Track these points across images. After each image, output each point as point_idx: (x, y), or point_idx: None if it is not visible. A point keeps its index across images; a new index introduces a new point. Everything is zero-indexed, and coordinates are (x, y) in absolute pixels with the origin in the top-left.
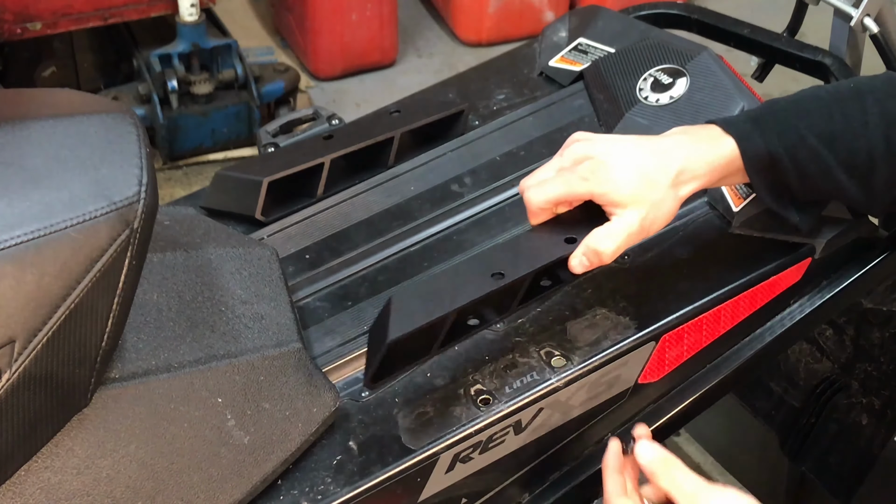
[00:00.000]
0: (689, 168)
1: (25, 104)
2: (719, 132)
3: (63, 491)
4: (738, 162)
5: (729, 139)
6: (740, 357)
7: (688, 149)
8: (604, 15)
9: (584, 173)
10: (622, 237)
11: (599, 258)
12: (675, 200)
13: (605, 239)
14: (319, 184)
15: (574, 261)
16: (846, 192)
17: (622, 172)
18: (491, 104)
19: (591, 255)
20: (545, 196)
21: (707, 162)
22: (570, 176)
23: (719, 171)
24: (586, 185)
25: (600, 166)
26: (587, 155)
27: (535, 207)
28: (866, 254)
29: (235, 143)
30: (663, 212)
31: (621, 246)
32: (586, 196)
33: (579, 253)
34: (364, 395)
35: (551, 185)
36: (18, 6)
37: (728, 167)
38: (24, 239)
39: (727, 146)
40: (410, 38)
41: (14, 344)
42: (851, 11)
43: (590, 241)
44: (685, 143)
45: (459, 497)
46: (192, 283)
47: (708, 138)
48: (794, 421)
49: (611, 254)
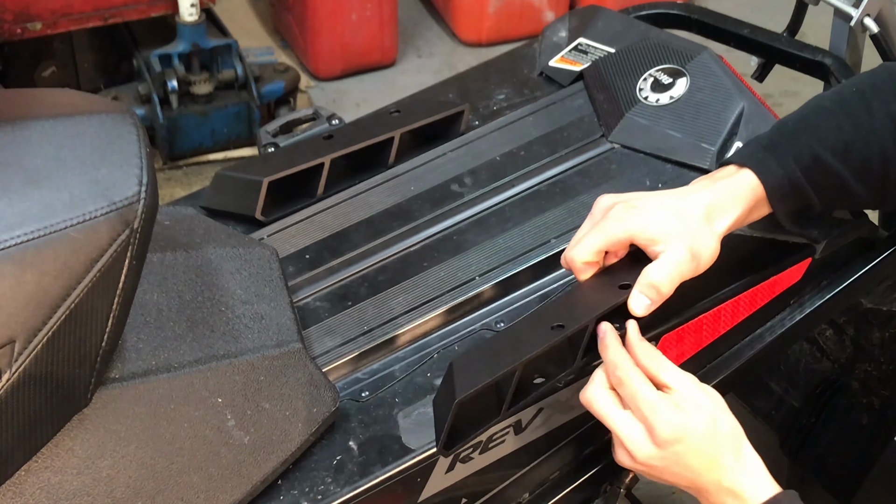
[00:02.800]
0: (717, 204)
1: (25, 104)
2: (735, 168)
3: (63, 491)
4: (760, 191)
5: (747, 171)
6: (740, 357)
7: (710, 189)
8: (604, 15)
9: (617, 216)
10: (674, 267)
11: (658, 291)
12: (713, 236)
13: (659, 271)
14: (319, 184)
15: (633, 302)
16: (860, 198)
17: (654, 211)
18: (491, 104)
19: (648, 291)
20: (587, 248)
21: (733, 196)
22: (604, 223)
23: (749, 203)
24: (623, 226)
25: (631, 207)
26: (616, 202)
27: (580, 264)
28: (866, 254)
29: (235, 143)
30: (706, 245)
31: (676, 276)
32: (625, 237)
33: (636, 292)
34: (364, 396)
35: (590, 238)
36: (18, 6)
37: (755, 198)
38: (24, 239)
39: (747, 178)
40: (410, 38)
41: (14, 344)
42: (851, 11)
43: (644, 278)
44: (706, 185)
45: (459, 497)
46: (192, 283)
47: (727, 175)
48: (794, 421)
49: (667, 284)
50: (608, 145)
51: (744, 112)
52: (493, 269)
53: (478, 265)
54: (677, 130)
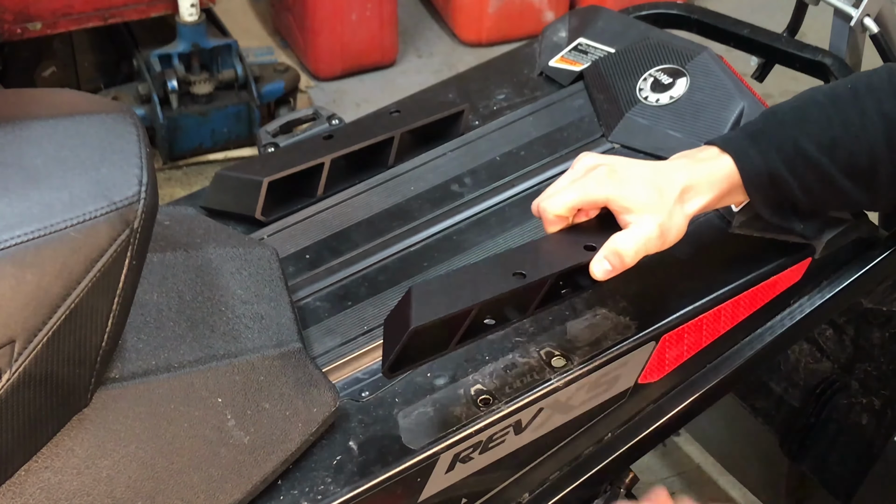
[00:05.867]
0: (693, 186)
1: (25, 104)
2: (717, 152)
3: (63, 491)
4: (737, 179)
5: (727, 158)
6: (740, 357)
7: (689, 169)
8: (604, 15)
9: (598, 178)
10: (642, 240)
11: (621, 260)
12: (683, 216)
13: (627, 241)
14: (319, 184)
15: (595, 265)
16: (850, 196)
17: (634, 181)
18: (491, 104)
19: (612, 258)
20: (562, 202)
21: (709, 181)
22: (585, 181)
23: (722, 189)
24: (602, 189)
25: (614, 172)
26: (599, 163)
27: (552, 216)
28: (866, 254)
29: (235, 143)
30: (675, 224)
31: (641, 249)
32: (602, 200)
33: (601, 257)
34: (364, 396)
35: (567, 192)
36: (18, 6)
37: (729, 185)
38: (24, 239)
39: (726, 164)
40: (410, 38)
41: (14, 344)
42: (851, 11)
43: (611, 244)
44: (686, 164)
45: (459, 497)
46: (192, 283)
47: (708, 158)
48: (794, 421)
49: (632, 256)
50: (608, 145)
51: (744, 112)
52: None
53: None
54: (677, 130)
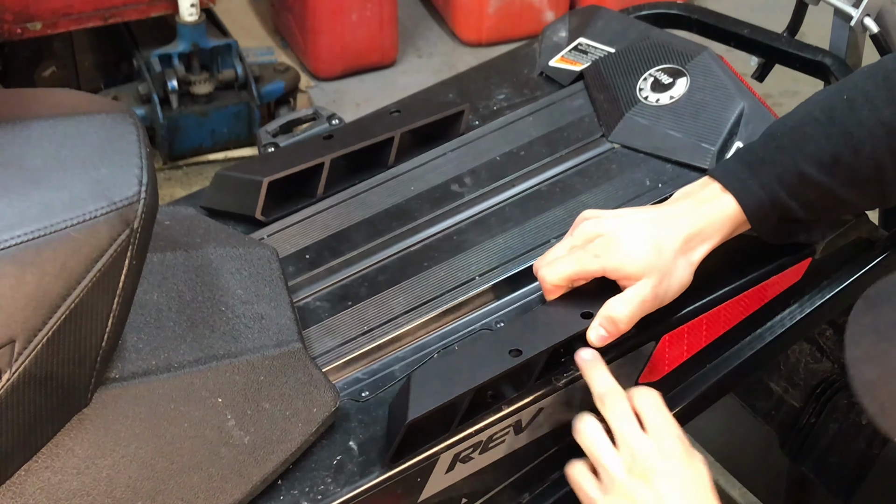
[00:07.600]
0: (697, 233)
1: (25, 104)
2: (719, 189)
3: (63, 491)
4: (741, 216)
5: (729, 197)
6: (740, 357)
7: (692, 215)
8: (604, 15)
9: (595, 251)
10: (636, 303)
11: (616, 326)
12: (687, 267)
13: (620, 305)
14: (319, 184)
15: (592, 333)
16: (858, 204)
17: (632, 246)
18: (491, 104)
19: (607, 325)
20: (559, 274)
21: (713, 225)
22: (581, 254)
23: (727, 230)
24: (598, 262)
25: (611, 243)
26: (597, 233)
27: (550, 285)
28: (866, 254)
29: (235, 143)
30: (676, 279)
31: (635, 313)
32: (599, 273)
33: (596, 324)
34: (364, 396)
35: (564, 264)
36: (18, 6)
37: (734, 224)
38: (24, 239)
39: (729, 204)
40: (410, 38)
41: (14, 344)
42: (851, 11)
43: (605, 310)
44: (689, 209)
45: (459, 497)
46: (192, 283)
47: (710, 198)
48: (794, 421)
49: (626, 321)
50: (608, 145)
51: (744, 112)
52: (493, 269)
53: (478, 265)
54: (677, 130)
